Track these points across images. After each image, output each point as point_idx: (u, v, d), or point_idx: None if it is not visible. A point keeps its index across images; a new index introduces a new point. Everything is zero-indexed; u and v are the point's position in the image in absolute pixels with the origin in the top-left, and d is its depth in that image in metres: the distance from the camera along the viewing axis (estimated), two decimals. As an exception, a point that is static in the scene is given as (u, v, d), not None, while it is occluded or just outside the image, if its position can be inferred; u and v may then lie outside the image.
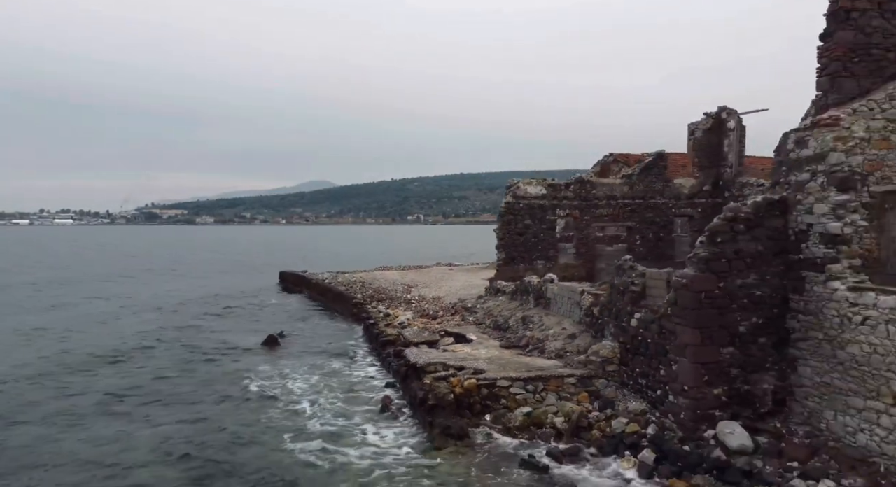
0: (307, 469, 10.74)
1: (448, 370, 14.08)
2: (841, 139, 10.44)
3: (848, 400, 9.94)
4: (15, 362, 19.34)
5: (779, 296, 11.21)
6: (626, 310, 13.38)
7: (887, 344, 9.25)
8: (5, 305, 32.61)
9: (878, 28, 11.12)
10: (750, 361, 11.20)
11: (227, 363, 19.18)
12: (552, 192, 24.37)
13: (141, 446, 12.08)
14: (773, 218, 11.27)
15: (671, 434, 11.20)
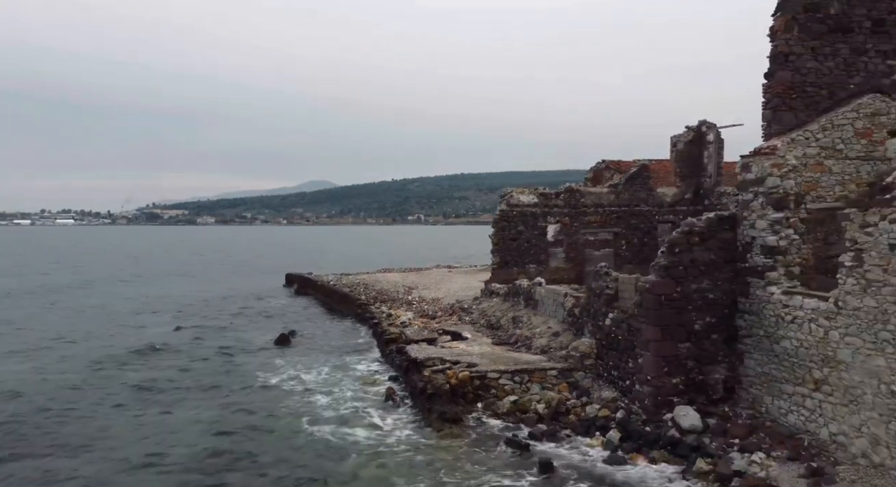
0: (323, 445, 12.62)
1: (445, 364, 15.94)
2: (777, 165, 12.29)
3: (781, 386, 11.80)
4: (59, 357, 21.29)
5: (728, 299, 13.06)
6: (602, 311, 15.25)
7: (810, 339, 11.10)
8: (46, 305, 34.53)
9: (812, 69, 12.98)
10: (704, 355, 13.05)
11: (244, 359, 21.07)
12: (543, 201, 26.24)
13: (179, 426, 13.99)
14: (724, 231, 13.13)
15: (636, 418, 13.05)
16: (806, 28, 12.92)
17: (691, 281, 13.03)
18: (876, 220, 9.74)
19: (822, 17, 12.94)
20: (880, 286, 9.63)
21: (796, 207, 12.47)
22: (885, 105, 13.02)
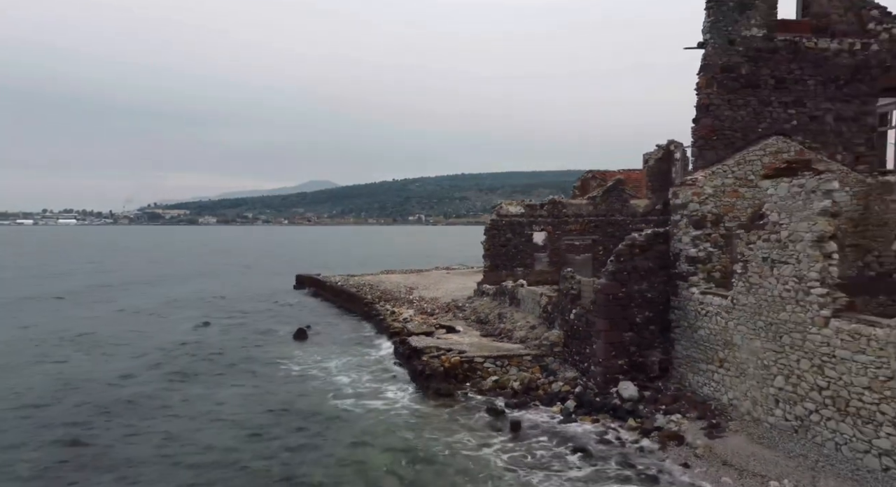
0: (346, 412, 16.20)
1: (440, 351, 19.50)
2: (696, 193, 15.86)
3: (698, 365, 15.34)
4: (116, 350, 24.88)
5: (662, 297, 16.59)
6: (568, 307, 18.81)
7: (716, 328, 14.65)
8: (90, 306, 38.14)
9: (728, 117, 16.54)
10: (643, 342, 16.59)
11: (268, 350, 24.64)
12: (529, 211, 29.79)
13: (224, 399, 17.54)
14: (659, 244, 16.67)
15: (590, 391, 16.59)
16: (723, 85, 16.48)
17: (634, 284, 16.57)
18: (755, 239, 13.30)
19: (736, 77, 16.50)
20: (758, 287, 13.19)
21: (715, 226, 16.03)
22: (786, 144, 16.62)
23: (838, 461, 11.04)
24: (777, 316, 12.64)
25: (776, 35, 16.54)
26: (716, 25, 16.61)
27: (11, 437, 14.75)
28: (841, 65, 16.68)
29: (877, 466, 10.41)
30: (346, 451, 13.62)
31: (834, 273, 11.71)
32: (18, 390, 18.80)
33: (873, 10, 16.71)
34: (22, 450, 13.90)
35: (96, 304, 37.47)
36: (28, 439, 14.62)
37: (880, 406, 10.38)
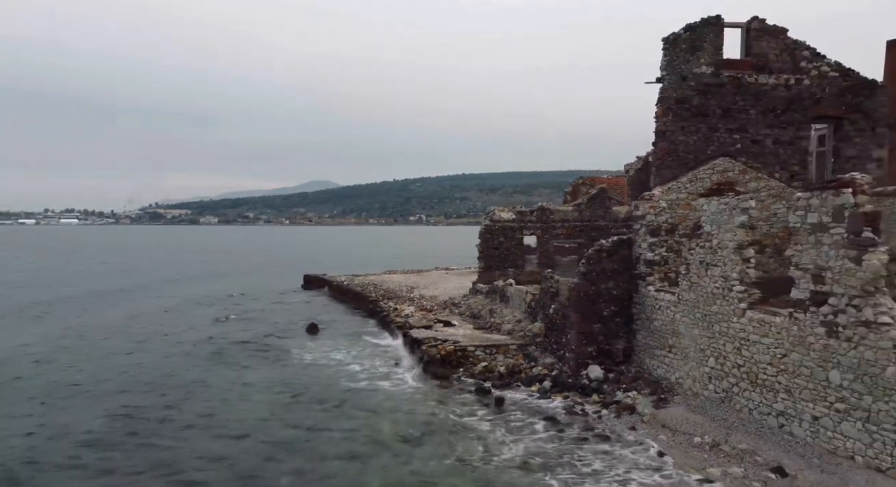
0: (359, 392, 19.23)
1: (437, 342, 22.51)
2: (653, 207, 18.86)
3: (654, 351, 18.35)
4: (152, 340, 27.94)
5: (626, 294, 19.58)
6: (548, 303, 21.84)
7: (667, 320, 17.65)
8: (115, 304, 41.21)
9: (682, 141, 19.56)
10: (610, 332, 19.58)
11: (284, 342, 27.65)
12: (520, 217, 32.81)
13: (252, 383, 20.55)
14: (623, 249, 19.67)
15: (564, 374, 19.61)
16: (677, 114, 19.50)
17: (602, 283, 19.57)
18: (694, 246, 16.32)
19: (688, 107, 19.51)
20: (696, 285, 16.20)
21: (669, 234, 19.03)
22: (732, 164, 19.65)
23: (749, 422, 14.06)
24: (710, 308, 15.67)
25: (722, 72, 19.55)
26: (671, 64, 19.65)
27: (82, 406, 17.78)
28: (778, 97, 19.70)
29: (775, 424, 13.44)
30: (360, 420, 16.65)
31: (751, 274, 14.72)
32: (81, 370, 21.85)
33: (805, 50, 19.73)
34: (90, 418, 16.91)
35: (123, 304, 40.44)
36: (93, 410, 17.64)
37: (778, 377, 13.41)
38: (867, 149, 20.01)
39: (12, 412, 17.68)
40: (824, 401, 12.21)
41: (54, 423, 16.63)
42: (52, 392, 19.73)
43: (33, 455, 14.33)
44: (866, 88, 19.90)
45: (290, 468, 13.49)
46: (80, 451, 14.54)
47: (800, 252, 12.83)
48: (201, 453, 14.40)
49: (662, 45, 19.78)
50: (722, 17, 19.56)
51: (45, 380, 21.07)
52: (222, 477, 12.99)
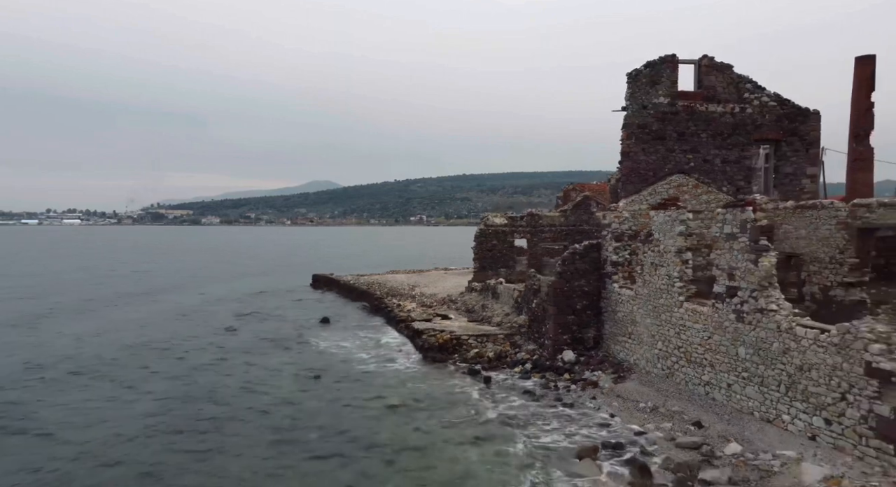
0: (370, 372, 22.81)
1: (436, 332, 26.10)
2: (617, 216, 22.45)
3: (617, 338, 21.93)
4: (183, 329, 31.54)
5: (596, 290, 23.16)
6: (531, 298, 25.42)
7: (627, 311, 21.24)
8: (150, 303, 44.81)
9: (643, 161, 23.15)
10: (582, 322, 23.16)
11: (300, 333, 31.22)
12: (511, 222, 36.39)
13: (275, 368, 24.11)
14: (593, 252, 23.25)
15: (543, 358, 23.19)
16: (639, 138, 23.10)
17: (575, 281, 23.15)
18: (647, 250, 19.91)
19: (648, 132, 23.11)
20: (648, 283, 19.79)
21: (631, 240, 22.59)
22: (686, 180, 23.25)
23: (683, 391, 17.65)
24: (658, 301, 19.26)
25: (677, 102, 23.16)
26: (633, 95, 23.26)
27: (154, 381, 21.39)
28: (725, 123, 23.31)
29: (702, 392, 17.02)
30: (371, 392, 20.23)
31: (688, 273, 18.30)
32: (139, 358, 25.47)
33: (748, 84, 23.33)
34: (161, 389, 20.51)
35: (153, 304, 43.98)
36: (161, 385, 21.25)
37: (705, 355, 17.00)
38: (802, 167, 23.62)
39: (93, 390, 21.29)
40: (735, 371, 15.80)
41: (130, 392, 20.25)
42: (123, 369, 23.38)
43: (113, 414, 17.92)
44: (800, 115, 23.51)
45: (316, 425, 17.08)
46: (152, 407, 18.13)
47: (719, 255, 16.44)
48: (244, 416, 17.98)
49: (626, 79, 23.37)
50: (677, 55, 23.16)
51: (112, 359, 24.69)
52: (264, 434, 16.56)
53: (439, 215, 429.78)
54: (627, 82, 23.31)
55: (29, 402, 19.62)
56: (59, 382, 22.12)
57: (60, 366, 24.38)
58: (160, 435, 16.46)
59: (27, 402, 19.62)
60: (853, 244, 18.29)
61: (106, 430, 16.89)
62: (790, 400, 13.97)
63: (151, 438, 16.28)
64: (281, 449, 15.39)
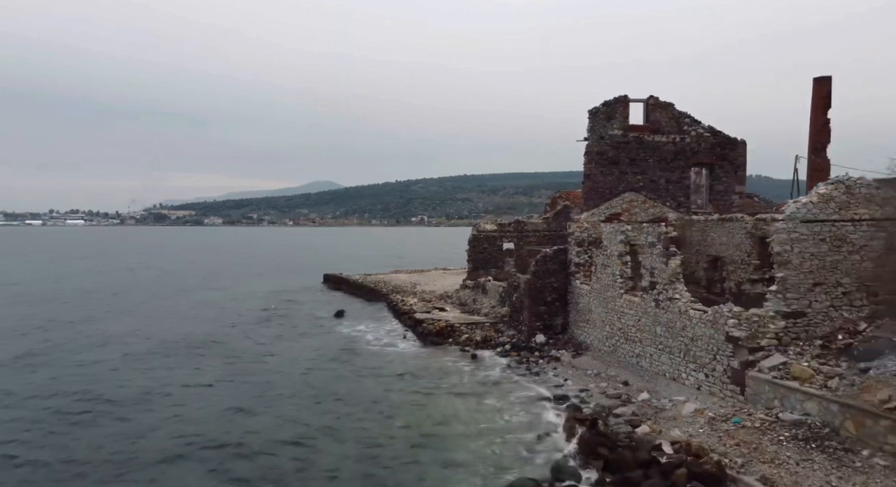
0: (379, 352, 28.52)
1: (434, 321, 31.76)
2: (578, 227, 28.11)
3: (579, 324, 27.58)
4: (222, 320, 37.19)
5: (563, 286, 28.78)
6: (512, 293, 31.08)
7: (585, 302, 26.88)
8: (183, 300, 50.55)
9: (601, 181, 28.80)
10: (552, 312, 28.79)
11: (321, 323, 36.89)
12: (500, 228, 42.02)
13: (302, 349, 29.80)
14: (561, 255, 28.89)
15: (520, 341, 28.83)
16: (598, 162, 28.73)
17: (546, 278, 28.78)
18: (598, 253, 25.57)
19: (605, 158, 28.74)
20: (600, 279, 25.44)
21: (590, 245, 28.23)
22: (636, 196, 28.88)
23: (622, 362, 23.29)
24: (606, 294, 24.90)
25: (629, 133, 28.79)
26: (593, 128, 28.90)
27: (209, 356, 27.02)
28: (668, 150, 28.94)
29: (634, 362, 22.66)
30: (381, 366, 25.88)
31: (627, 271, 23.93)
32: (193, 343, 31.18)
33: (686, 118, 28.97)
34: (216, 364, 26.14)
35: (183, 300, 49.78)
36: (214, 361, 26.89)
37: (637, 334, 22.63)
38: (731, 185, 29.27)
39: (172, 359, 26.97)
40: (654, 344, 21.44)
41: (190, 366, 25.92)
42: (178, 346, 29.04)
43: (180, 384, 23.55)
44: (730, 144, 29.16)
45: (344, 387, 22.75)
46: (222, 373, 23.76)
47: (644, 258, 22.08)
48: (284, 382, 23.62)
49: (588, 115, 29.02)
50: (628, 95, 28.81)
51: (172, 339, 30.36)
52: (306, 391, 22.20)
53: (440, 216, 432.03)
54: (588, 117, 28.98)
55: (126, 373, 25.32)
56: (145, 358, 27.81)
57: (149, 345, 30.21)
58: (234, 386, 22.18)
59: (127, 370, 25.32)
60: (755, 249, 23.94)
61: (193, 391, 22.58)
62: (686, 362, 19.62)
63: (229, 388, 21.97)
64: (318, 401, 21.08)
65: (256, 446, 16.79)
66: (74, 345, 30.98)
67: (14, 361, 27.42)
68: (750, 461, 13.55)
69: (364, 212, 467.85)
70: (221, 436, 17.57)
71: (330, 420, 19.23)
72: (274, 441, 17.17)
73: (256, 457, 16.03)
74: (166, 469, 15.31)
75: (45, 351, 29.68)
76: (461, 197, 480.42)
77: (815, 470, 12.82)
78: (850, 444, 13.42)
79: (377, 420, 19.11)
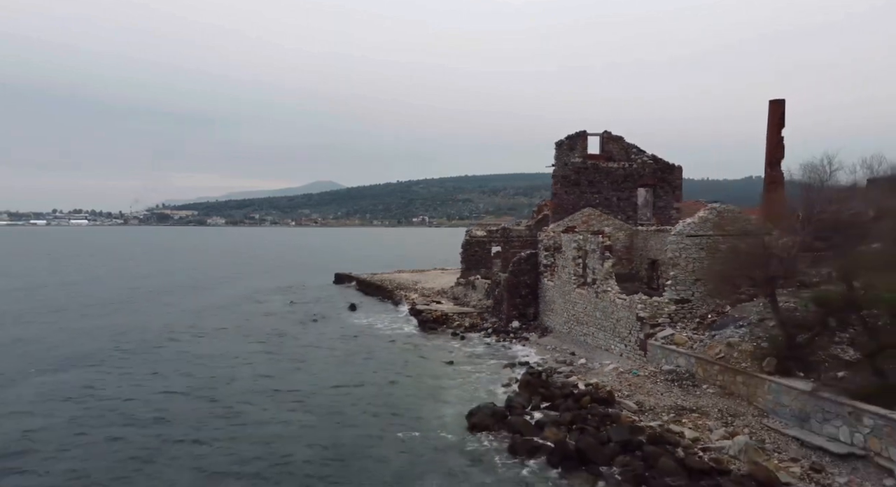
0: (387, 335, 36.13)
1: (432, 311, 39.38)
2: (545, 235, 35.69)
3: (546, 313, 35.16)
4: (250, 311, 44.79)
5: (534, 283, 36.33)
6: (494, 289, 38.69)
7: (550, 295, 34.46)
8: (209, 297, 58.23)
9: (565, 199, 36.40)
10: (525, 303, 36.36)
11: (338, 315, 44.49)
12: (489, 234, 49.60)
13: (324, 332, 37.40)
14: (533, 258, 36.46)
15: (500, 326, 36.40)
16: (563, 184, 36.32)
17: (522, 277, 36.35)
18: (559, 257, 33.16)
19: (569, 180, 36.32)
20: (560, 277, 33.04)
21: (555, 251, 35.81)
22: (593, 211, 36.47)
23: (575, 340, 30.88)
24: (564, 288, 32.49)
25: (587, 161, 36.35)
26: (559, 156, 36.47)
27: (240, 341, 34.56)
28: (619, 174, 36.50)
29: (583, 340, 30.25)
30: (389, 344, 33.46)
31: (579, 271, 31.51)
32: (226, 333, 38.77)
33: (633, 148, 36.55)
34: (251, 350, 33.67)
35: (209, 296, 57.40)
36: (247, 346, 34.45)
37: (584, 318, 30.23)
38: (670, 202, 36.84)
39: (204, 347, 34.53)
40: (595, 325, 29.02)
41: (232, 350, 33.49)
42: (230, 333, 36.63)
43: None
44: (668, 169, 36.73)
45: (360, 356, 30.35)
46: (260, 348, 31.31)
47: (589, 260, 29.67)
48: (319, 353, 31.17)
49: (555, 146, 36.58)
50: (586, 130, 36.38)
51: (208, 329, 37.91)
52: (330, 361, 29.77)
53: (441, 216, 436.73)
54: (555, 148, 36.53)
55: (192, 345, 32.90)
56: (205, 336, 35.39)
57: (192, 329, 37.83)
58: (278, 362, 29.79)
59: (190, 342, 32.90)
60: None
61: (266, 357, 30.19)
62: (613, 336, 27.20)
63: (283, 356, 29.62)
64: (346, 362, 28.71)
65: (309, 388, 24.38)
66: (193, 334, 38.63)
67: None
68: (633, 393, 21.18)
69: (366, 212, 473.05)
70: (292, 377, 25.23)
71: (357, 372, 26.91)
72: (323, 386, 24.82)
73: (313, 397, 23.57)
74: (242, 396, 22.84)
75: (167, 343, 37.27)
76: (462, 197, 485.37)
77: (671, 396, 20.40)
78: (697, 382, 21.01)
79: (390, 373, 26.81)
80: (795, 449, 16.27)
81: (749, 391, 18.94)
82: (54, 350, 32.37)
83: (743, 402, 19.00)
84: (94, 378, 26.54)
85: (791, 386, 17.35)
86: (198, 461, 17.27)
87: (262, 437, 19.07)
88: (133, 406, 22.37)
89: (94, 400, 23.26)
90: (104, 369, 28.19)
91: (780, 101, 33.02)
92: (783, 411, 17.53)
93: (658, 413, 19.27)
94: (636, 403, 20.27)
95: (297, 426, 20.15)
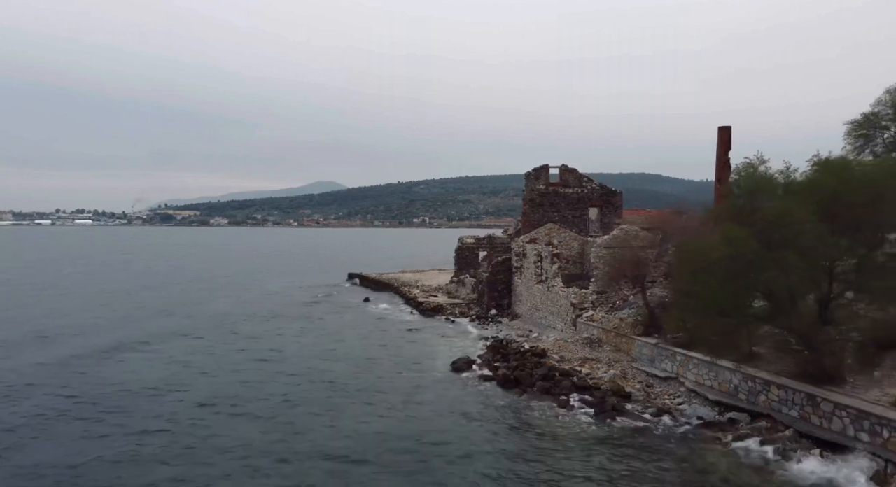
0: (395, 321, 47.95)
1: (430, 302, 51.24)
2: (516, 243, 47.51)
3: (518, 303, 46.98)
4: (275, 306, 56.60)
5: (509, 280, 48.10)
6: (479, 285, 50.53)
7: (519, 291, 46.27)
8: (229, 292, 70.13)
9: (534, 216, 48.26)
10: (502, 296, 48.14)
11: (353, 305, 56.25)
12: (477, 242, 61.43)
13: (345, 321, 49.21)
14: (508, 261, 48.27)
15: (482, 314, 48.20)
16: (531, 205, 48.18)
17: (499, 276, 48.14)
18: (525, 261, 44.99)
19: (535, 203, 48.17)
20: (525, 276, 44.86)
21: (523, 256, 47.57)
22: (555, 227, 48.35)
23: (536, 322, 42.73)
24: (528, 284, 44.33)
25: (550, 188, 48.14)
26: (528, 183, 48.28)
27: (274, 327, 46.28)
28: (574, 197, 48.33)
29: (542, 322, 42.09)
30: (396, 327, 45.22)
31: (538, 271, 43.29)
32: (259, 326, 50.54)
33: (585, 178, 48.37)
34: (282, 342, 45.39)
35: (233, 294, 69.11)
36: (277, 337, 46.20)
37: (541, 306, 42.07)
38: (613, 219, 48.65)
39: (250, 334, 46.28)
40: (548, 310, 40.84)
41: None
42: (264, 324, 48.37)
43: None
44: (612, 194, 48.55)
45: (373, 335, 42.09)
46: (298, 331, 43.06)
47: (544, 263, 41.49)
48: (347, 335, 42.90)
49: (525, 176, 48.34)
50: (549, 164, 48.17)
51: (238, 321, 49.60)
52: (356, 335, 41.54)
53: (441, 217, 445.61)
54: (525, 178, 48.21)
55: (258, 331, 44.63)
56: (257, 320, 47.09)
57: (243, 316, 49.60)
58: (314, 348, 41.56)
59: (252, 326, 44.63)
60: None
61: (305, 338, 41.94)
62: (557, 318, 38.98)
63: (312, 343, 41.41)
64: (366, 338, 40.54)
65: (345, 350, 36.13)
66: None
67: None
68: (559, 351, 33.02)
69: (367, 212, 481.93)
70: (335, 345, 36.94)
71: (378, 342, 38.72)
72: (356, 350, 36.63)
73: (348, 357, 35.27)
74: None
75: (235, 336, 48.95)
76: (462, 198, 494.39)
77: (583, 352, 32.19)
78: (602, 343, 32.80)
79: (401, 342, 38.67)
80: (643, 378, 28.10)
81: (627, 346, 30.76)
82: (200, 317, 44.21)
83: (623, 354, 30.82)
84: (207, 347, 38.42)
85: (647, 342, 29.17)
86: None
87: (327, 378, 30.85)
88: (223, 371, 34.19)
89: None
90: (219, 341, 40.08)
91: (726, 128, 44.38)
92: (643, 357, 29.33)
93: (570, 361, 31.10)
94: (559, 357, 32.10)
95: (341, 371, 31.89)
